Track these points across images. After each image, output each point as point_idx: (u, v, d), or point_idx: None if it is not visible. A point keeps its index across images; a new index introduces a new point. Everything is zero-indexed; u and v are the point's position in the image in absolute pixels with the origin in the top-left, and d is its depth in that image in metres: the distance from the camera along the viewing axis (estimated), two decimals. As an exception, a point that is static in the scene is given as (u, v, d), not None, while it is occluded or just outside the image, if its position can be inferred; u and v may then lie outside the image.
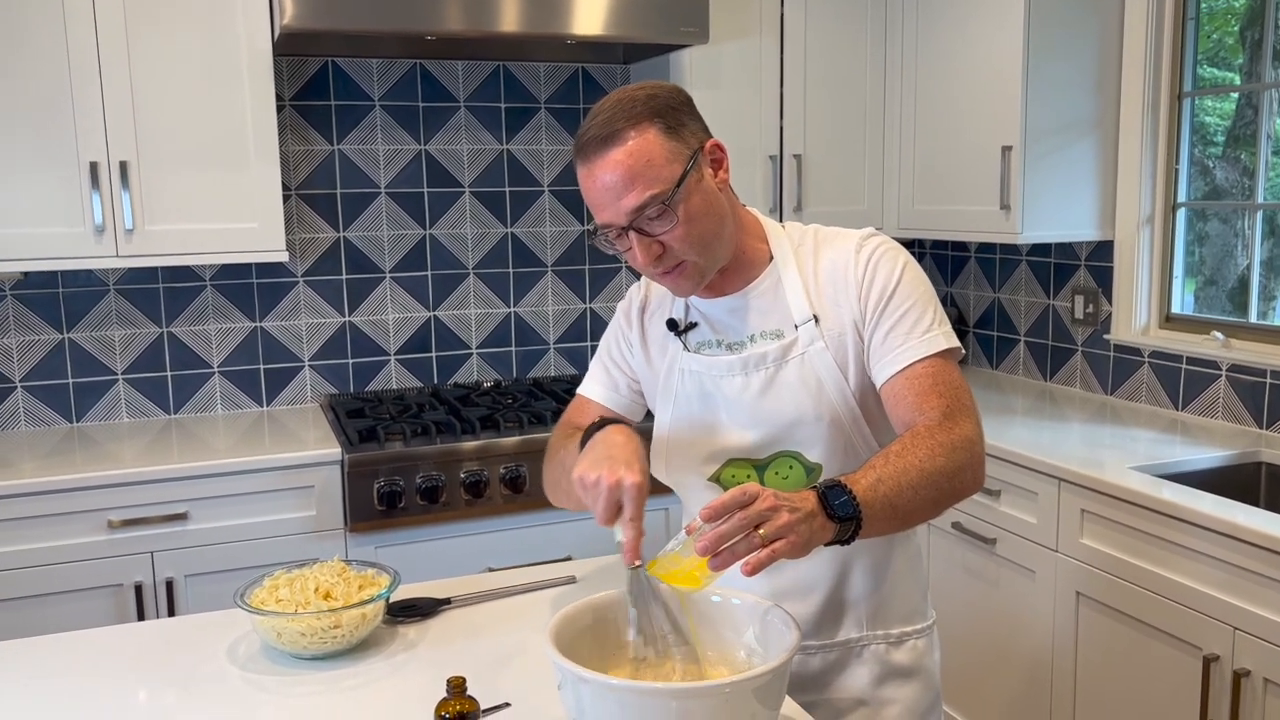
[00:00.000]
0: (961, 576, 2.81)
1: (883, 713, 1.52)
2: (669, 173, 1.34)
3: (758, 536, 1.13)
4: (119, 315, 3.05)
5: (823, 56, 3.27)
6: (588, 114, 1.38)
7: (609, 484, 1.27)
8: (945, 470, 1.27)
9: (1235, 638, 2.07)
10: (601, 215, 1.37)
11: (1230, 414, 2.79)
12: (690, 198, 1.35)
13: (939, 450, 1.28)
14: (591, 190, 1.36)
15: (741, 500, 1.15)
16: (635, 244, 1.36)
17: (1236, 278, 2.92)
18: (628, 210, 1.33)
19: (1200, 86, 2.95)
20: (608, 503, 1.27)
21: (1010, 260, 3.52)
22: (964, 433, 1.31)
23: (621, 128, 1.33)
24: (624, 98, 1.36)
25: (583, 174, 1.37)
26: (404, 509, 2.71)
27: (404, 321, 3.34)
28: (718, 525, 1.14)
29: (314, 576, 1.58)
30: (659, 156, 1.33)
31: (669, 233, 1.35)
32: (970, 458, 1.31)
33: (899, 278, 1.42)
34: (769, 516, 1.14)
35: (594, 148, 1.34)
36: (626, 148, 1.33)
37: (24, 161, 2.61)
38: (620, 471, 1.27)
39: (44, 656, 1.55)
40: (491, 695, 1.35)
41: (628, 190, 1.33)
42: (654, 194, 1.33)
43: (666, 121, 1.35)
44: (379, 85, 3.23)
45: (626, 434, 1.37)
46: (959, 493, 1.31)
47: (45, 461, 2.65)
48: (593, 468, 1.29)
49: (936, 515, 1.33)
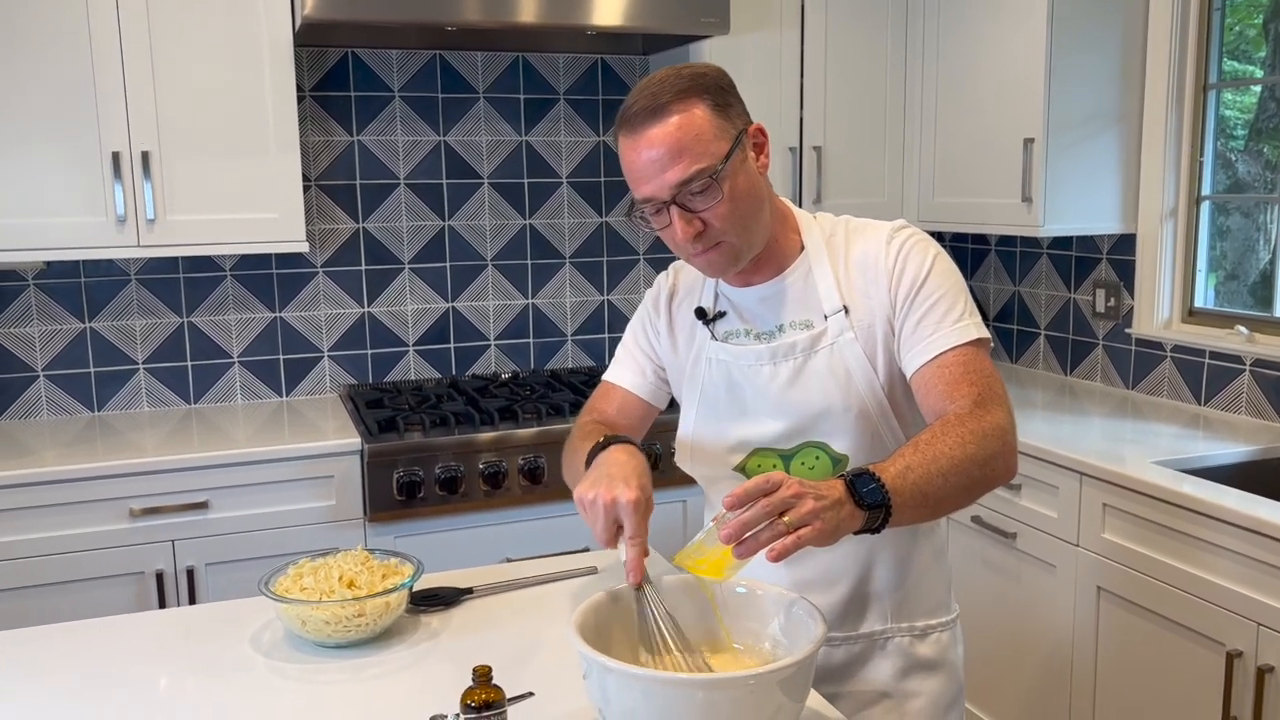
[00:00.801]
0: (982, 571, 2.80)
1: (906, 705, 1.52)
2: (716, 148, 1.33)
3: (782, 523, 1.11)
4: (140, 305, 3.07)
5: (843, 47, 3.26)
6: (633, 89, 1.36)
7: (605, 503, 1.25)
8: (976, 458, 1.26)
9: (1259, 634, 2.05)
10: (643, 189, 1.35)
11: (1254, 409, 2.77)
12: (735, 176, 1.35)
13: (969, 438, 1.26)
14: (635, 162, 1.34)
15: (765, 487, 1.13)
16: (676, 219, 1.34)
17: (1259, 272, 2.89)
18: (672, 183, 1.32)
19: (1223, 79, 2.92)
20: (606, 522, 1.26)
21: (1031, 253, 3.50)
22: (995, 420, 1.30)
23: (670, 101, 1.32)
24: (672, 73, 1.35)
25: (626, 145, 1.35)
26: (423, 499, 2.71)
27: (423, 313, 3.35)
28: (741, 513, 1.13)
29: (338, 565, 1.58)
30: (707, 132, 1.32)
31: (711, 209, 1.34)
32: (1002, 445, 1.29)
33: (929, 268, 1.41)
34: (793, 503, 1.12)
35: (642, 119, 1.33)
36: (676, 120, 1.31)
37: (47, 151, 2.62)
38: (617, 489, 1.26)
39: (66, 644, 1.56)
40: (515, 684, 1.35)
41: (674, 163, 1.31)
42: (701, 168, 1.32)
43: (715, 99, 1.35)
44: (398, 76, 3.23)
45: (629, 452, 1.35)
46: (991, 481, 1.30)
47: (67, 450, 2.66)
48: (590, 488, 1.28)
49: (969, 503, 1.31)
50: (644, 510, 1.27)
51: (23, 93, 2.58)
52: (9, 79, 2.57)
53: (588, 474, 1.34)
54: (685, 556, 1.22)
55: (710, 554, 1.20)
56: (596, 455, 1.37)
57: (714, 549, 1.18)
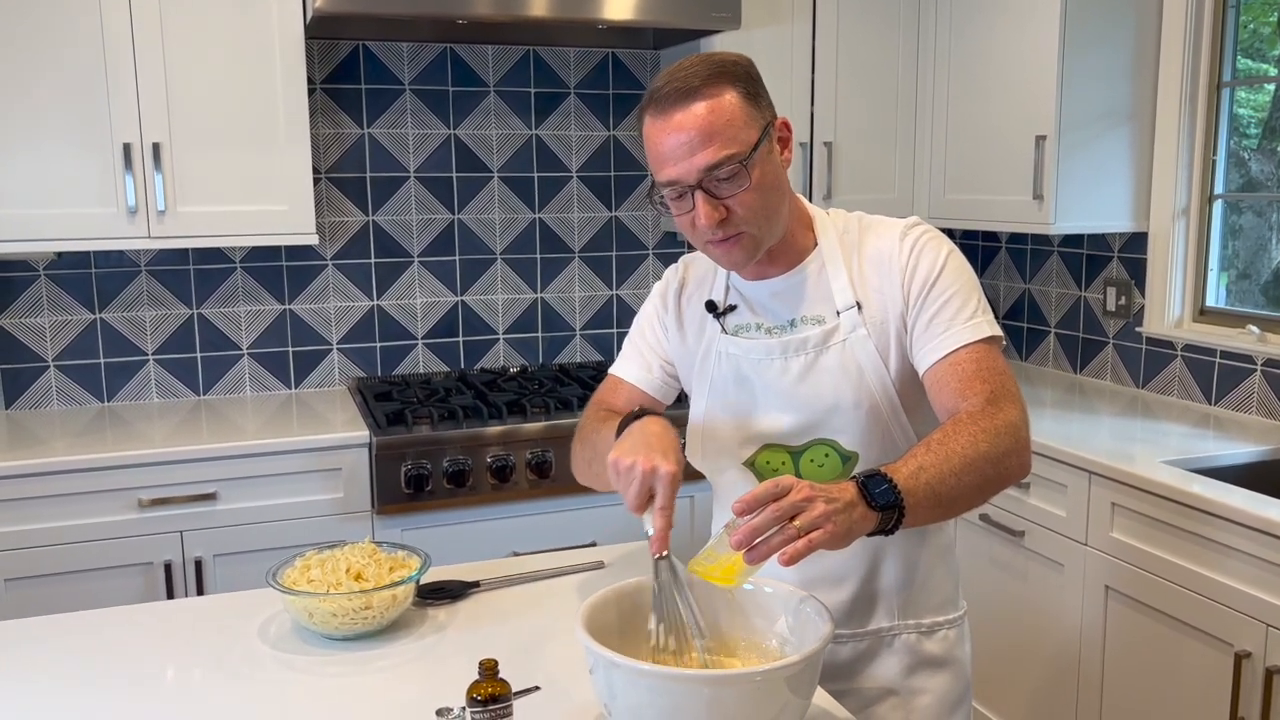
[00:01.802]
0: (989, 569, 2.79)
1: (913, 702, 1.51)
2: (746, 136, 1.33)
3: (793, 528, 1.11)
4: (150, 296, 3.07)
5: (855, 43, 3.25)
6: (661, 72, 1.36)
7: (644, 470, 1.26)
8: (989, 455, 1.25)
9: (1268, 635, 2.05)
10: (668, 171, 1.34)
11: (1265, 409, 2.76)
12: (762, 165, 1.35)
13: (982, 436, 1.25)
14: (662, 144, 1.33)
15: (775, 492, 1.13)
16: (700, 204, 1.33)
17: (1271, 271, 2.88)
18: (701, 167, 1.31)
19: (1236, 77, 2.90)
20: (640, 489, 1.27)
21: (1041, 251, 3.49)
22: (1008, 418, 1.29)
23: (702, 85, 1.32)
24: (703, 58, 1.34)
25: (655, 127, 1.34)
26: (431, 492, 2.72)
27: (431, 306, 3.35)
28: (751, 518, 1.13)
29: (345, 558, 1.58)
30: (739, 118, 1.32)
31: (736, 197, 1.33)
32: (1015, 442, 1.29)
33: (942, 265, 1.41)
34: (804, 507, 1.12)
35: (672, 100, 1.32)
36: (708, 104, 1.31)
37: (58, 142, 2.62)
38: (656, 459, 1.27)
39: (74, 633, 1.57)
40: (521, 678, 1.35)
41: (705, 146, 1.31)
42: (731, 153, 1.31)
43: (746, 87, 1.35)
44: (409, 69, 3.23)
45: (664, 425, 1.36)
46: (1004, 478, 1.29)
47: (77, 440, 2.67)
48: (629, 454, 1.29)
49: (982, 502, 1.30)
50: (678, 485, 1.28)
51: (35, 83, 2.59)
52: (22, 69, 2.57)
53: (623, 440, 1.34)
54: (697, 563, 1.22)
55: (722, 560, 1.19)
56: (630, 424, 1.38)
57: (725, 555, 1.18)
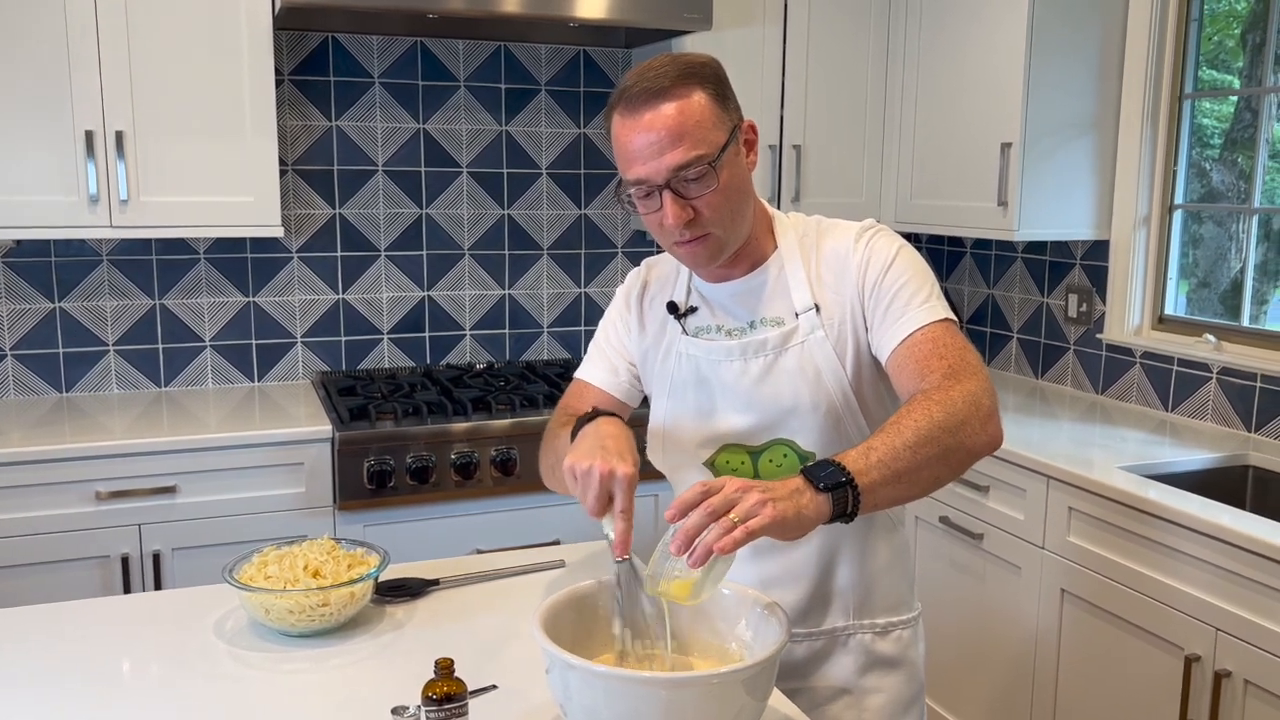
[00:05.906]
0: (948, 571, 2.82)
1: (866, 701, 1.53)
2: (714, 137, 1.33)
3: (729, 519, 1.10)
4: (111, 286, 3.04)
5: (825, 47, 3.26)
6: (630, 71, 1.36)
7: (601, 473, 1.26)
8: (945, 425, 1.23)
9: (1217, 639, 2.08)
10: (636, 170, 1.34)
11: (1220, 417, 2.81)
12: (729, 167, 1.35)
13: (936, 408, 1.24)
14: (630, 143, 1.33)
15: (704, 493, 1.14)
16: (667, 204, 1.34)
17: (1230, 281, 2.93)
18: (670, 167, 1.32)
19: (1200, 89, 2.95)
20: (599, 493, 1.27)
21: (1005, 257, 3.52)
22: (966, 388, 1.27)
23: (672, 85, 1.32)
24: (673, 59, 1.35)
25: (624, 126, 1.34)
26: (393, 488, 2.70)
27: (398, 301, 3.33)
28: (684, 523, 1.12)
29: (303, 554, 1.58)
30: (708, 119, 1.33)
31: (703, 197, 1.34)
32: (974, 410, 1.26)
33: (894, 257, 1.42)
34: (737, 499, 1.12)
35: (642, 100, 1.32)
36: (678, 105, 1.32)
37: (19, 129, 2.59)
38: (613, 462, 1.27)
39: (29, 627, 1.55)
40: (479, 677, 1.35)
41: (674, 146, 1.31)
42: (699, 154, 1.32)
43: (715, 89, 1.35)
44: (379, 62, 3.21)
45: (619, 425, 1.36)
46: (969, 447, 1.26)
47: (33, 431, 2.64)
48: (585, 457, 1.28)
49: (952, 474, 1.27)
50: (635, 485, 1.27)
51: (-4, 68, 2.55)
52: (-18, 54, 2.54)
53: (578, 444, 1.34)
54: (653, 585, 1.21)
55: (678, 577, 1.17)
56: (584, 427, 1.37)
57: (679, 570, 1.16)
